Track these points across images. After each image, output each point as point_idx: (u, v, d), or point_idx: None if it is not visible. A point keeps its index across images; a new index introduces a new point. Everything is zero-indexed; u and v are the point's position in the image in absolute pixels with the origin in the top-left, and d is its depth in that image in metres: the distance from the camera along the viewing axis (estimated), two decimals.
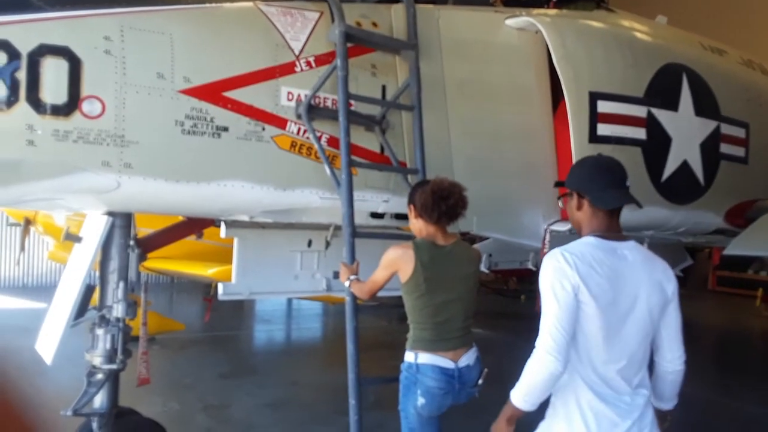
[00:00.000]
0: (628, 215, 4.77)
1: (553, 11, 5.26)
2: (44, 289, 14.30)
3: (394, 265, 3.41)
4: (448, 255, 3.44)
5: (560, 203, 2.62)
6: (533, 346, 2.26)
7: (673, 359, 2.47)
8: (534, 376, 2.19)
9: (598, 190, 2.39)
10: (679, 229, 5.27)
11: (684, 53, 5.35)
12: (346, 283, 3.73)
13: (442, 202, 3.38)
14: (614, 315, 2.24)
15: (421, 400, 3.32)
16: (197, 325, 11.05)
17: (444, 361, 3.32)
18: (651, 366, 2.49)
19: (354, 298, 3.82)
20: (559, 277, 2.21)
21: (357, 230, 3.88)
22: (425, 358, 3.33)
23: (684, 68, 5.10)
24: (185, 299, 14.68)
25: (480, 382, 3.47)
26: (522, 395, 2.22)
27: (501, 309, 13.76)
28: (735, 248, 5.08)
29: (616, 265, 2.27)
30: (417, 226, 3.55)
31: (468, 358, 3.40)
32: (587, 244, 2.33)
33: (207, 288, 11.21)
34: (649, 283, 2.31)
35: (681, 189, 5.02)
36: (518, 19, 4.65)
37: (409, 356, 3.41)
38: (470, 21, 4.61)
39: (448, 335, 3.38)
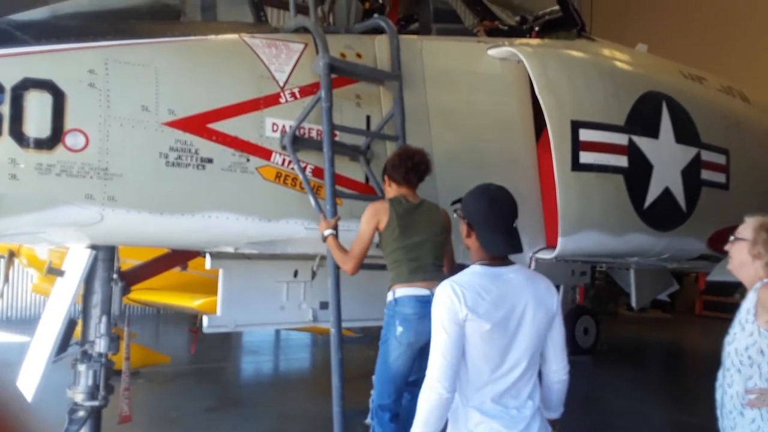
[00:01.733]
0: (613, 243, 4.88)
1: (535, 41, 5.35)
2: (28, 322, 14.03)
3: (375, 215, 3.75)
4: (417, 208, 3.87)
5: (455, 215, 2.68)
6: None
7: (558, 369, 2.58)
8: (425, 403, 2.33)
9: (489, 233, 2.48)
10: (663, 256, 5.30)
11: (664, 81, 5.44)
12: (326, 233, 3.80)
13: (408, 160, 3.84)
14: (503, 336, 2.38)
15: (399, 329, 3.61)
16: (183, 358, 10.86)
17: (418, 290, 3.64)
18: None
19: (339, 329, 3.79)
20: (447, 310, 2.34)
21: None
22: (401, 291, 3.68)
23: (664, 96, 5.18)
24: (171, 330, 14.46)
25: None
26: (421, 424, 2.34)
27: None
28: (718, 274, 5.12)
29: (501, 289, 2.41)
30: (391, 192, 3.94)
31: None
32: (474, 273, 2.45)
33: (193, 319, 11.08)
34: (533, 301, 2.44)
35: (664, 216, 5.06)
36: (500, 49, 4.72)
37: (389, 295, 3.74)
38: (453, 51, 4.67)
39: (422, 270, 3.70)
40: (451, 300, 2.35)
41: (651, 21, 15.84)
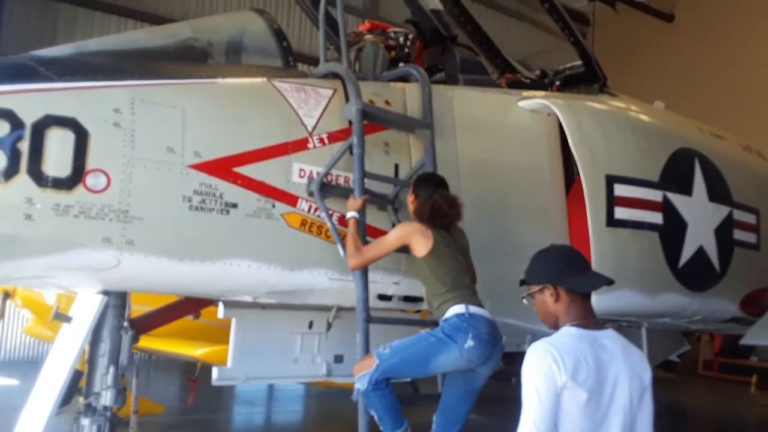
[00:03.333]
0: (647, 302, 4.69)
1: (558, 94, 5.28)
2: (18, 365, 13.66)
3: (410, 237, 3.70)
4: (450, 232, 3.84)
5: (525, 302, 2.55)
6: None
7: None
8: None
9: (575, 276, 2.41)
10: (696, 317, 5.12)
11: (693, 138, 5.38)
12: (349, 215, 3.69)
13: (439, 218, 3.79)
14: (598, 407, 2.25)
15: (470, 342, 3.50)
16: (176, 407, 10.51)
17: (487, 313, 3.64)
18: None
19: (368, 392, 3.56)
20: (544, 375, 2.20)
21: (371, 315, 3.67)
22: (474, 309, 3.59)
23: (695, 153, 5.11)
24: (162, 377, 14.05)
25: None
26: None
27: (492, 392, 13.32)
28: (753, 338, 4.94)
29: (598, 356, 2.28)
30: (411, 206, 3.91)
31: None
32: (570, 336, 2.32)
33: (190, 367, 10.72)
34: (629, 373, 2.33)
35: (698, 276, 4.92)
36: (531, 101, 4.65)
37: (458, 308, 3.59)
38: (483, 101, 4.60)
39: (475, 295, 3.72)
40: (549, 366, 2.18)
41: (651, 79, 16.01)
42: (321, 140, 3.83)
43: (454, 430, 3.76)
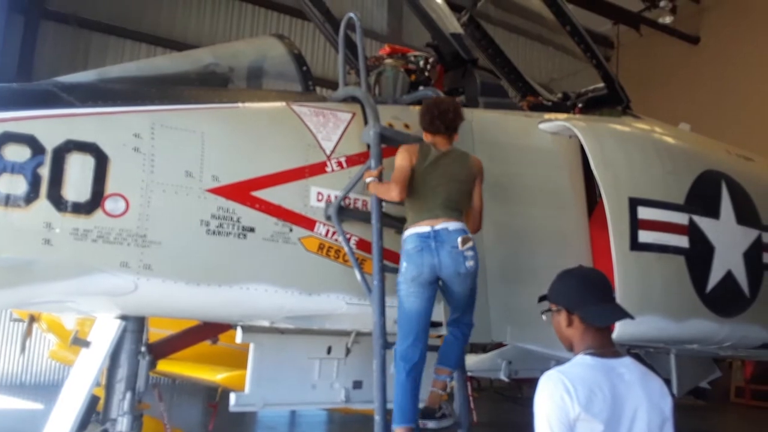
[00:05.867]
0: (674, 329, 4.55)
1: (580, 116, 5.22)
2: (43, 388, 13.75)
3: (408, 153, 3.79)
4: (444, 156, 3.86)
5: (544, 317, 2.49)
6: None
7: None
8: None
9: (591, 305, 2.32)
10: (725, 344, 4.95)
11: (720, 160, 5.25)
12: (368, 180, 3.74)
13: (435, 108, 3.89)
14: None
15: (403, 265, 3.67)
16: None
17: (420, 228, 3.69)
18: None
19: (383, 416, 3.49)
20: (556, 407, 2.13)
21: (389, 341, 3.60)
22: (407, 233, 3.74)
23: (722, 175, 4.98)
24: (185, 402, 14.02)
25: (462, 246, 3.68)
26: None
27: (515, 418, 13.04)
28: None
29: (615, 385, 2.19)
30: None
31: (447, 224, 3.70)
32: (584, 365, 2.25)
33: (212, 391, 10.68)
34: (647, 403, 2.24)
35: (727, 301, 4.75)
36: (552, 124, 4.59)
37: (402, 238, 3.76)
38: (504, 124, 4.55)
39: (427, 210, 3.72)
40: (561, 396, 2.11)
41: (676, 101, 15.80)
42: (339, 164, 3.82)
43: (467, 319, 3.87)
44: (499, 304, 4.22)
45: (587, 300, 2.33)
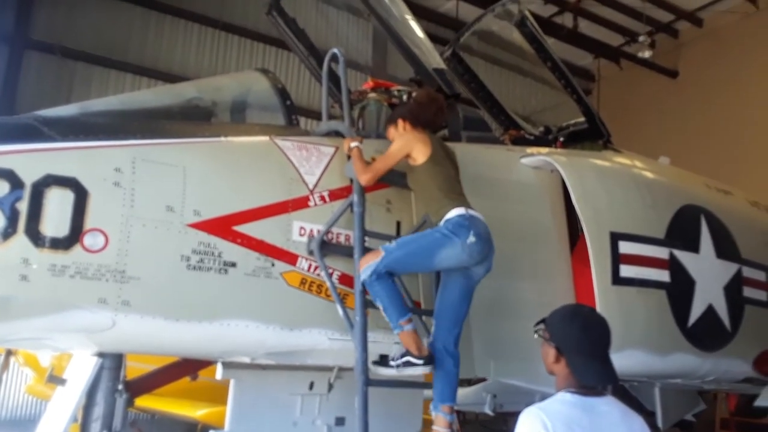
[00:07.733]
0: (657, 363, 4.54)
1: (564, 151, 5.27)
2: (18, 423, 13.38)
3: (412, 144, 3.86)
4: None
5: (536, 336, 2.49)
6: None
7: None
8: None
9: (582, 360, 2.31)
10: (708, 378, 4.95)
11: (699, 194, 5.32)
12: (352, 144, 3.79)
13: (435, 102, 4.13)
14: None
15: (471, 239, 3.64)
16: None
17: (483, 218, 3.78)
18: None
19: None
20: None
21: (371, 378, 3.55)
22: (473, 212, 3.75)
23: (701, 209, 5.03)
24: None
25: None
26: None
27: None
28: (767, 399, 4.74)
29: (595, 424, 2.20)
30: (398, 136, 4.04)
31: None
32: (564, 402, 2.27)
33: (192, 427, 10.44)
34: None
35: (708, 335, 4.76)
36: (534, 158, 4.63)
37: (459, 210, 3.73)
38: (486, 158, 4.58)
39: (461, 195, 3.86)
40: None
41: (656, 134, 16.02)
42: (322, 198, 3.81)
43: (455, 332, 3.78)
44: (482, 339, 4.19)
45: (581, 350, 2.32)
